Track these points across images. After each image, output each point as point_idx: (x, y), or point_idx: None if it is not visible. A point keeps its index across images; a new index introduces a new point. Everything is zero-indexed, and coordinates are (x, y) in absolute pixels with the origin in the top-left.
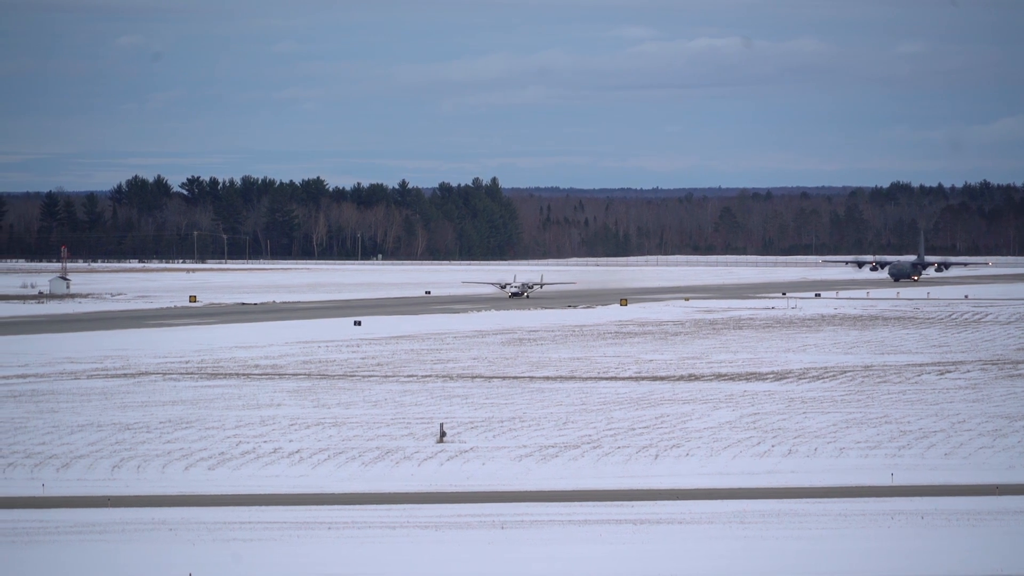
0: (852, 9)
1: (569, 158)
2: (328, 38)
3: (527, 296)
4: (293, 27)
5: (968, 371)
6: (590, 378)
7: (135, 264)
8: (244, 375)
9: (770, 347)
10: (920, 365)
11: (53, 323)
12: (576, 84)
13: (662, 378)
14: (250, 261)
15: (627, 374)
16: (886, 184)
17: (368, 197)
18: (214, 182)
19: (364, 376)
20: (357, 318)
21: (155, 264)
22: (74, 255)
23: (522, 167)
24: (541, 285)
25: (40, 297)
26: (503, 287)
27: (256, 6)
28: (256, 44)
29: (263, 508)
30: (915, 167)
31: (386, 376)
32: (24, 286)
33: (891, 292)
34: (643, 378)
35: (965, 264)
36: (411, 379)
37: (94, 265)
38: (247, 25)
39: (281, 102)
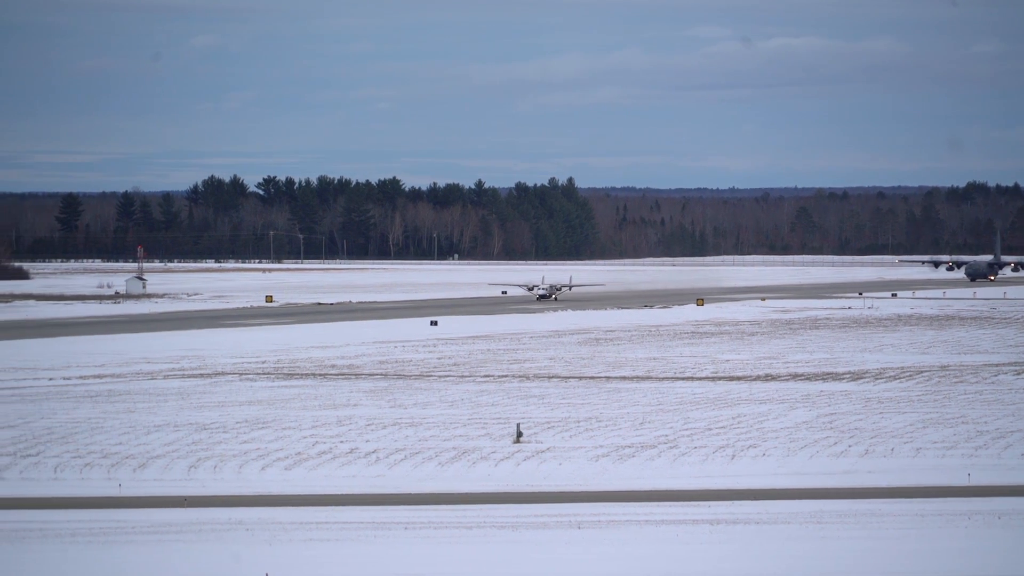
0: (927, 9)
1: (645, 158)
2: (403, 38)
3: (555, 298)
4: (368, 27)
5: None
6: (667, 378)
7: (211, 264)
8: (321, 375)
9: (847, 347)
10: (997, 365)
11: (129, 323)
12: (651, 84)
13: (739, 378)
14: (326, 261)
15: (704, 374)
16: (962, 184)
17: (444, 197)
18: (290, 182)
19: (440, 376)
20: (433, 318)
21: (231, 264)
22: (150, 255)
23: (598, 167)
24: (570, 287)
25: (116, 297)
26: (530, 289)
27: (330, 6)
28: (331, 44)
29: (340, 508)
30: (991, 166)
31: (463, 376)
32: (101, 286)
33: (967, 292)
34: (720, 378)
35: None
36: (488, 379)
37: (170, 265)
38: (322, 25)
39: (357, 102)
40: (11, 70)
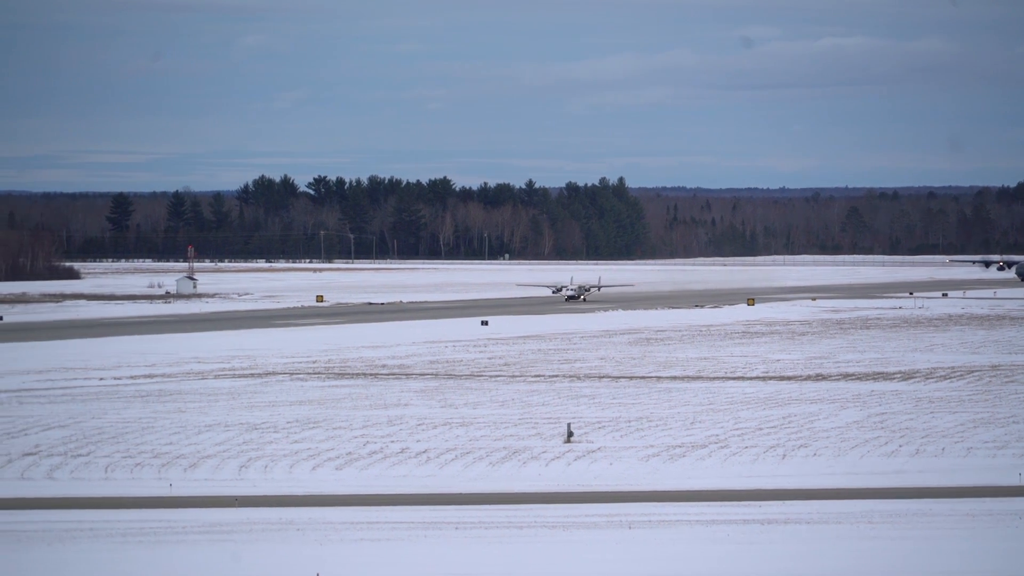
0: (976, 8)
1: (695, 157)
2: (453, 38)
3: (584, 299)
4: (418, 27)
5: None
6: (717, 378)
7: (262, 264)
8: (371, 375)
9: (897, 347)
10: None
11: (180, 323)
12: (702, 83)
13: (789, 378)
14: (377, 261)
15: (754, 374)
16: (1013, 183)
17: (495, 197)
18: (340, 182)
19: (491, 376)
20: (484, 318)
21: (282, 264)
22: (201, 255)
23: (648, 167)
24: (599, 287)
25: (167, 297)
26: (558, 290)
27: (380, 6)
28: (381, 44)
29: (390, 508)
30: None
31: (513, 376)
32: (151, 286)
33: (1019, 292)
34: (770, 378)
35: None
36: (538, 379)
37: (220, 265)
38: (371, 25)
39: (407, 102)
40: (63, 70)
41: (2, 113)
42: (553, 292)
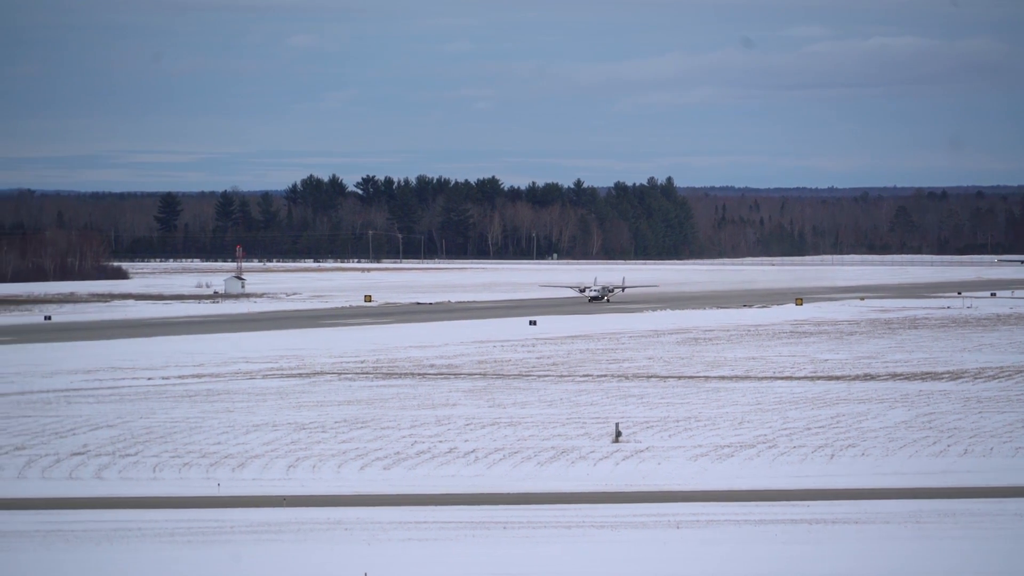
0: None
1: (743, 157)
2: (501, 37)
3: (607, 300)
4: (466, 26)
5: None
6: (765, 377)
7: (310, 263)
8: (419, 375)
9: (946, 347)
10: None
11: (228, 323)
12: (750, 83)
13: (837, 377)
14: (425, 260)
15: (802, 374)
16: None
17: (543, 196)
18: (389, 181)
19: (539, 376)
20: (532, 317)
21: (330, 263)
22: (249, 254)
23: (696, 166)
24: (623, 288)
25: (215, 297)
26: (582, 290)
27: (428, 6)
28: (429, 43)
29: (438, 508)
30: None
31: (561, 376)
32: (199, 286)
33: None
34: (819, 377)
35: None
36: (586, 379)
37: (269, 264)
38: (420, 24)
39: (455, 101)
40: (112, 70)
41: (52, 113)
42: (578, 292)
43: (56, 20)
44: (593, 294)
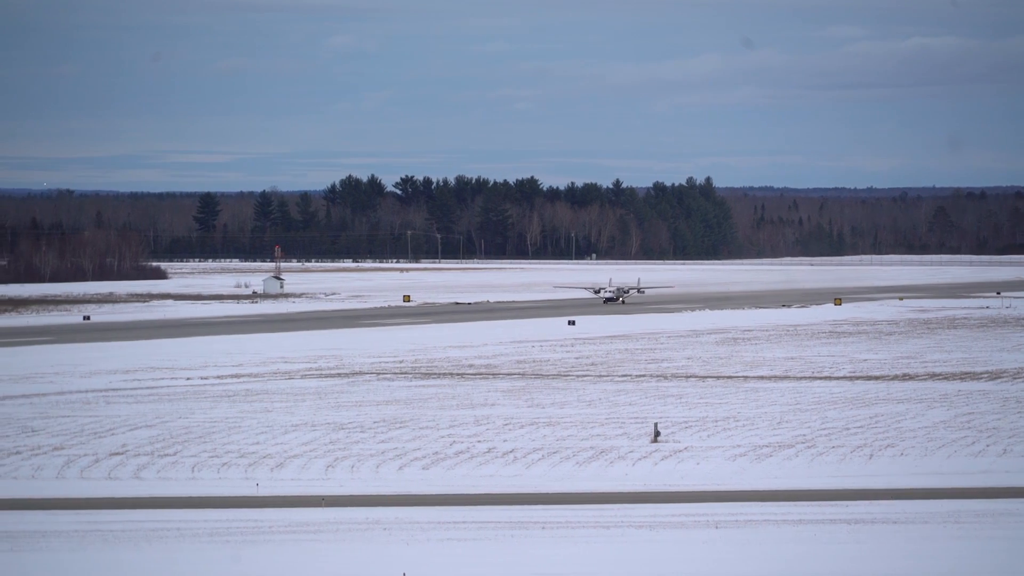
0: None
1: (782, 157)
2: (540, 38)
3: (622, 301)
4: (504, 27)
5: None
6: (804, 377)
7: (349, 263)
8: (458, 375)
9: (984, 347)
10: None
11: (267, 323)
12: (788, 83)
13: (876, 378)
14: (464, 260)
15: (841, 374)
16: None
17: (582, 196)
18: (427, 181)
19: (578, 376)
20: (571, 317)
21: (369, 263)
22: (288, 255)
23: (735, 166)
24: (639, 290)
25: (254, 297)
26: (596, 291)
27: (467, 6)
28: (467, 44)
29: (477, 508)
30: None
31: (600, 376)
32: (238, 286)
33: None
34: (857, 377)
35: None
36: (625, 379)
37: (307, 265)
38: (459, 25)
39: (494, 101)
40: (150, 70)
41: (91, 114)
42: (593, 293)
43: (97, 21)
44: (608, 295)
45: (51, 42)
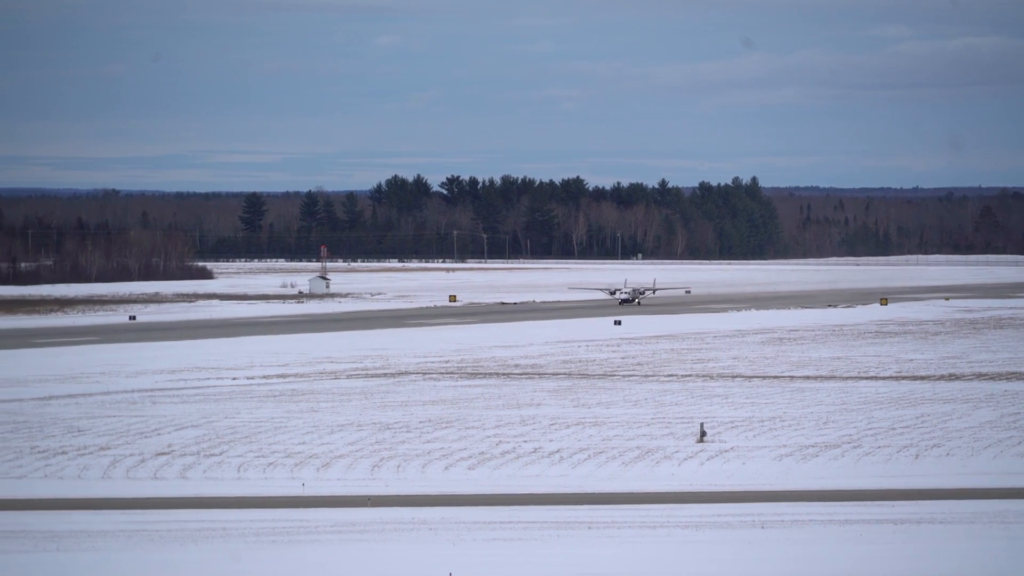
0: None
1: (828, 157)
2: (586, 38)
3: (638, 303)
4: (550, 27)
5: None
6: (850, 377)
7: (395, 263)
8: (504, 375)
9: None
10: None
11: (313, 323)
12: (834, 83)
13: (922, 377)
14: (510, 260)
15: (887, 374)
16: None
17: (628, 196)
18: (473, 181)
19: (624, 376)
20: (617, 317)
21: (414, 263)
22: (333, 254)
23: (781, 166)
24: (654, 291)
25: (300, 297)
26: (612, 292)
27: (513, 6)
28: (513, 43)
29: (523, 508)
30: None
31: (646, 376)
32: (284, 286)
33: None
34: (903, 377)
35: None
36: (671, 378)
37: (353, 264)
38: (505, 24)
39: (540, 101)
40: (196, 70)
41: (136, 113)
42: (608, 295)
43: (143, 21)
44: (623, 296)
45: (98, 43)
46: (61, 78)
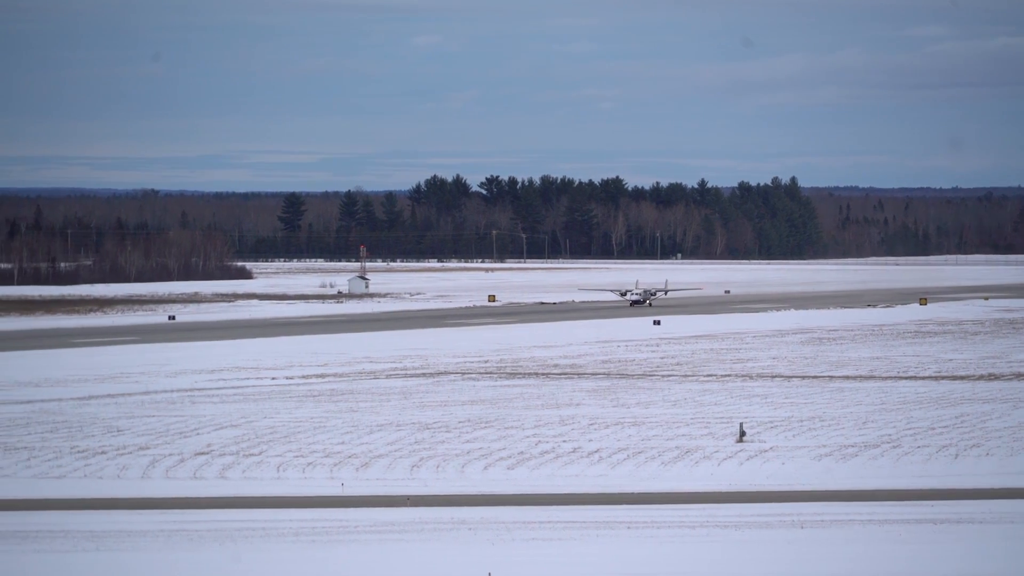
0: None
1: (867, 157)
2: (624, 38)
3: (649, 304)
4: (589, 26)
5: None
6: (889, 377)
7: (433, 263)
8: (543, 374)
9: None
10: None
11: (352, 323)
12: (872, 83)
13: (962, 377)
14: (549, 260)
15: (926, 373)
16: None
17: (667, 196)
18: (512, 181)
19: (663, 375)
20: (656, 317)
21: (454, 263)
22: (372, 254)
23: (820, 166)
24: (666, 291)
25: (339, 296)
26: (623, 294)
27: (551, 6)
28: (552, 43)
29: (562, 508)
30: None
31: (685, 376)
32: (323, 286)
33: None
34: (943, 377)
35: None
36: (710, 378)
37: (392, 264)
38: (543, 24)
39: (579, 101)
40: (235, 70)
41: (177, 113)
42: (619, 296)
43: (181, 21)
44: (635, 298)
45: (137, 42)
46: (99, 78)
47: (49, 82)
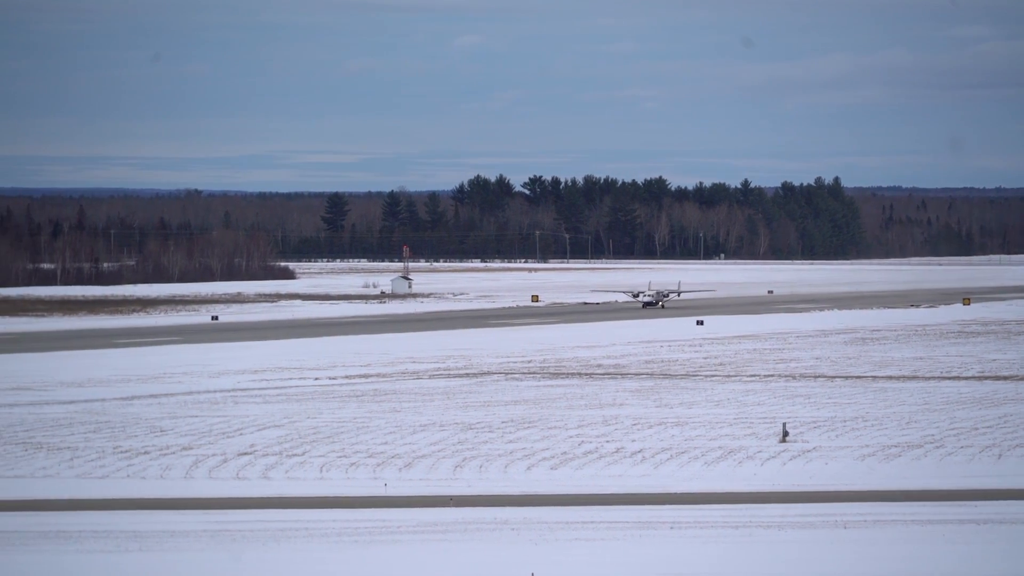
0: None
1: (910, 157)
2: (667, 37)
3: (662, 306)
4: (632, 26)
5: None
6: (933, 377)
7: (477, 264)
8: (586, 375)
9: None
10: None
11: (395, 323)
12: (917, 83)
13: (1005, 378)
14: (592, 260)
15: (970, 373)
16: None
17: (710, 196)
18: (556, 181)
19: (706, 376)
20: (699, 317)
21: (497, 263)
22: (416, 255)
23: (863, 166)
24: (679, 293)
25: (382, 297)
26: (635, 295)
27: (595, 6)
28: (596, 43)
29: (605, 508)
30: None
31: (728, 376)
32: (366, 286)
33: None
34: (986, 377)
35: None
36: (753, 379)
37: (435, 265)
38: (586, 25)
39: (622, 101)
40: (277, 71)
41: (220, 114)
42: (631, 297)
43: (225, 21)
44: (647, 299)
45: (179, 42)
46: (142, 79)
47: (93, 82)
